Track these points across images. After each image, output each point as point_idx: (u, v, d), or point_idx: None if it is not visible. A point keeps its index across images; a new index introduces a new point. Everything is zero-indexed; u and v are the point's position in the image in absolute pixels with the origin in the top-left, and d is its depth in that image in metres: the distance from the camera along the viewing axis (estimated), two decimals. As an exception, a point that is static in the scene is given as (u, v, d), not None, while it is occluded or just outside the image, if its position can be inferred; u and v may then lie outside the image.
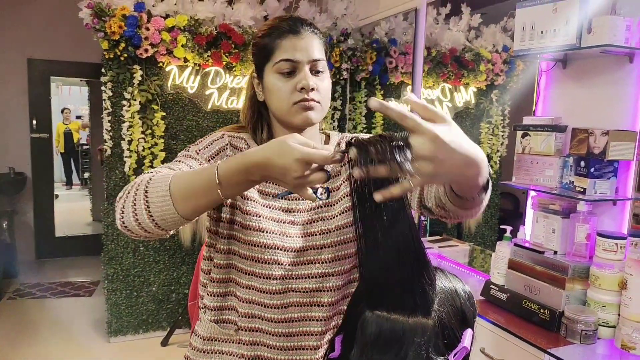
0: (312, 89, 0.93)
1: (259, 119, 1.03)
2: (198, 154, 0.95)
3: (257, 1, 3.00)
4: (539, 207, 1.68)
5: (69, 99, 9.43)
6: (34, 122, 4.59)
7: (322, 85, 0.95)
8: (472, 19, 2.86)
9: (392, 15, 3.03)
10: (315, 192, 0.77)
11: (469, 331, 0.70)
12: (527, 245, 1.67)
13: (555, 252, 1.60)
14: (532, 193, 1.79)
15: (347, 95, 3.41)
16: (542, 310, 1.53)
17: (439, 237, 2.52)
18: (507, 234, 1.75)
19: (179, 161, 0.93)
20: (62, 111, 8.42)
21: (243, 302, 0.97)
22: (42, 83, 4.61)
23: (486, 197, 0.78)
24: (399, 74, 3.11)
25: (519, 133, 1.77)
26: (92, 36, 2.70)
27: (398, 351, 0.64)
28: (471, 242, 2.42)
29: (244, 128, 1.04)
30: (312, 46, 0.94)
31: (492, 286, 1.73)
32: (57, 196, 5.05)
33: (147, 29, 2.72)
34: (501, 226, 1.81)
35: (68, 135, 8.64)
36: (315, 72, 0.95)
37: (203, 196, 0.78)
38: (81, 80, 6.65)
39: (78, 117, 9.23)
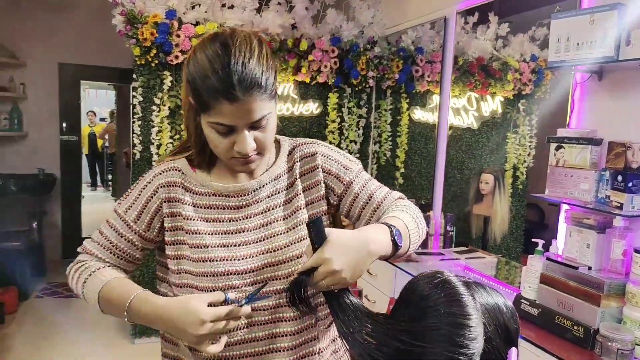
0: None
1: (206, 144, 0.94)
2: (126, 214, 0.97)
3: (285, 9, 3.03)
4: (572, 221, 1.66)
5: (95, 101, 9.63)
6: (64, 124, 4.71)
7: (265, 136, 0.89)
8: (499, 27, 2.83)
9: (419, 24, 3.03)
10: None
11: (513, 350, 0.69)
12: (560, 259, 1.65)
13: (590, 268, 1.57)
14: (565, 206, 1.76)
15: (373, 103, 3.41)
16: (575, 327, 1.50)
17: (465, 249, 2.49)
18: (539, 248, 1.73)
19: (112, 227, 0.98)
20: (87, 114, 8.60)
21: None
22: (72, 87, 4.73)
23: (404, 250, 0.91)
24: (425, 83, 3.09)
25: (553, 145, 1.75)
26: (124, 42, 2.76)
27: None
28: (497, 253, 2.38)
29: (188, 146, 0.99)
30: (253, 110, 0.84)
31: (522, 300, 1.70)
32: (82, 197, 5.15)
33: (178, 35, 2.77)
34: (533, 239, 1.78)
35: (92, 137, 8.83)
36: (257, 126, 0.87)
37: (120, 316, 0.90)
38: (109, 85, 6.79)
39: (102, 120, 9.41)
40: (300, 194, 0.99)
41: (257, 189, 0.97)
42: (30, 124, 4.55)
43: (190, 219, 0.94)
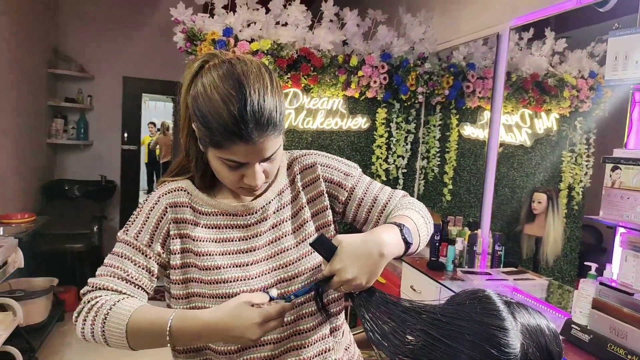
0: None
1: (208, 165, 0.92)
2: (137, 239, 0.92)
3: (337, 26, 3.09)
4: (628, 246, 1.59)
5: (154, 113, 10.12)
6: (125, 135, 4.99)
7: (273, 166, 0.90)
8: (556, 43, 2.76)
9: (471, 40, 3.00)
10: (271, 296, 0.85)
11: (555, 373, 0.68)
12: (614, 285, 1.58)
13: (647, 295, 1.50)
14: (621, 230, 1.69)
15: (422, 119, 3.41)
16: (629, 357, 1.43)
17: (515, 269, 2.42)
18: (592, 272, 1.66)
19: (121, 256, 0.91)
20: (148, 125, 9.07)
21: (220, 354, 0.92)
22: (134, 99, 5.02)
23: (415, 247, 0.93)
24: (476, 99, 3.05)
25: (609, 166, 1.69)
26: (184, 58, 2.91)
27: None
28: (548, 275, 2.30)
29: (187, 168, 0.98)
30: (266, 149, 0.84)
31: (573, 326, 1.64)
32: (139, 203, 5.41)
33: (234, 52, 2.89)
34: (585, 263, 1.72)
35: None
36: (267, 159, 0.88)
37: (156, 345, 0.84)
38: (167, 97, 7.12)
39: (158, 130, 9.86)
40: (305, 206, 1.00)
41: (264, 206, 0.97)
42: (95, 133, 4.86)
43: (200, 240, 0.93)
